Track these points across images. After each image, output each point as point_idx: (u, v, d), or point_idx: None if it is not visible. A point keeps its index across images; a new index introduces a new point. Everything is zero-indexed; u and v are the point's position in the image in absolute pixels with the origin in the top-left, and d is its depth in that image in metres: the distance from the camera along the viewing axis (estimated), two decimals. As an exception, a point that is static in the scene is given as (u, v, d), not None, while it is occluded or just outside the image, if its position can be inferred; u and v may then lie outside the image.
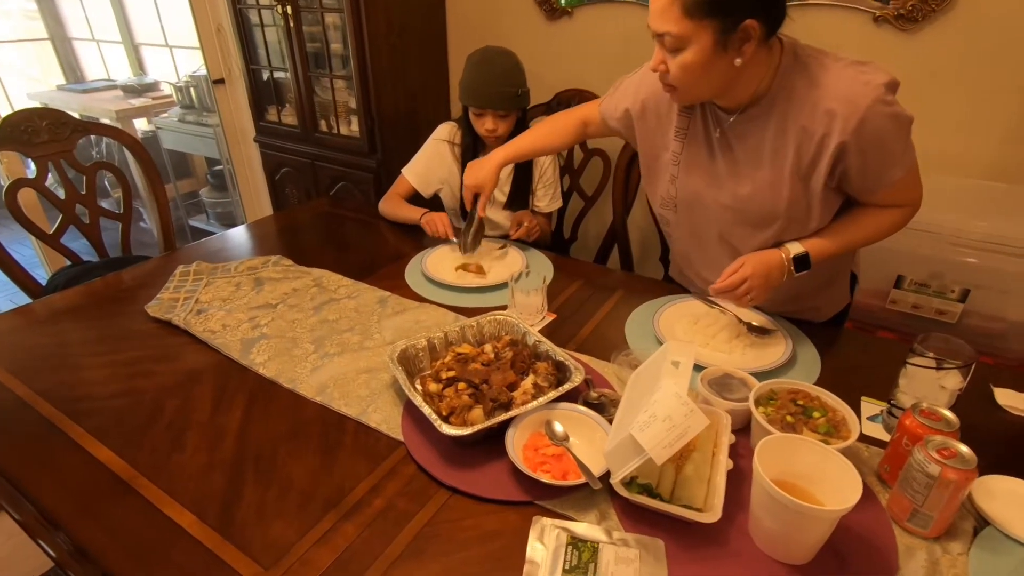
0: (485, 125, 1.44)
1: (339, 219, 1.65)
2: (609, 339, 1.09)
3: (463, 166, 1.53)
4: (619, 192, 1.66)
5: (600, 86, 1.71)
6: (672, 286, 1.28)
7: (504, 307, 1.16)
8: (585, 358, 1.00)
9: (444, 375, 0.89)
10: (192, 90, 3.07)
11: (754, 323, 1.06)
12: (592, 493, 0.74)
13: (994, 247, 1.31)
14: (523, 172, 1.55)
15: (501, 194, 1.56)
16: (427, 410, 0.79)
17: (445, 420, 0.80)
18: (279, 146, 2.44)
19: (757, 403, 0.78)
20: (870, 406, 0.90)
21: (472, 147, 1.52)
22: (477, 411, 0.82)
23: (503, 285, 1.26)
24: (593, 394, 0.87)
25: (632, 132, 1.13)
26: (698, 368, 0.90)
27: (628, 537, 0.68)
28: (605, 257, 1.78)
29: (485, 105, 1.42)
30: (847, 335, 1.11)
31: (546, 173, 1.57)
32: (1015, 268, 1.30)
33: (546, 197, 1.59)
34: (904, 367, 0.83)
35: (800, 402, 0.78)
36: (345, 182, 2.31)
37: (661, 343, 1.04)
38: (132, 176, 2.95)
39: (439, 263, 1.34)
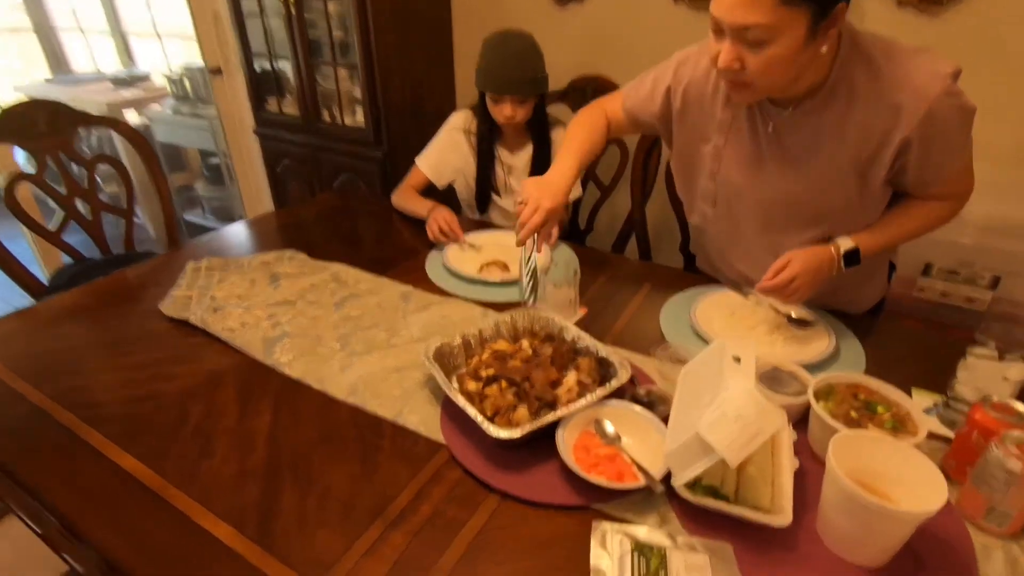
0: (503, 112, 1.38)
1: (350, 212, 1.60)
2: (644, 333, 1.05)
3: (479, 154, 1.48)
4: (637, 181, 1.62)
5: (615, 72, 1.67)
6: (699, 276, 1.25)
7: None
8: (624, 352, 0.97)
9: (484, 373, 0.85)
10: (187, 81, 2.99)
11: (793, 314, 1.02)
12: (649, 495, 0.70)
13: (1025, 233, 1.29)
14: (541, 158, 1.49)
15: (516, 182, 1.51)
16: (473, 412, 0.75)
17: (490, 421, 0.76)
18: (280, 137, 2.38)
19: (816, 398, 0.75)
20: (922, 398, 0.88)
21: (488, 135, 1.47)
22: (522, 411, 0.79)
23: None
24: (641, 391, 0.84)
25: (668, 125, 1.07)
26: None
27: (695, 542, 0.64)
28: (622, 247, 1.74)
29: (503, 90, 1.36)
30: (888, 325, 1.09)
31: None
32: (1047, 254, 1.28)
33: None
34: (964, 358, 0.80)
35: (861, 397, 0.76)
36: (349, 173, 2.26)
37: (700, 336, 1.01)
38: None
39: (461, 256, 1.30)
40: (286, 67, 2.28)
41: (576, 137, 1.11)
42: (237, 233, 1.46)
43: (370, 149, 2.14)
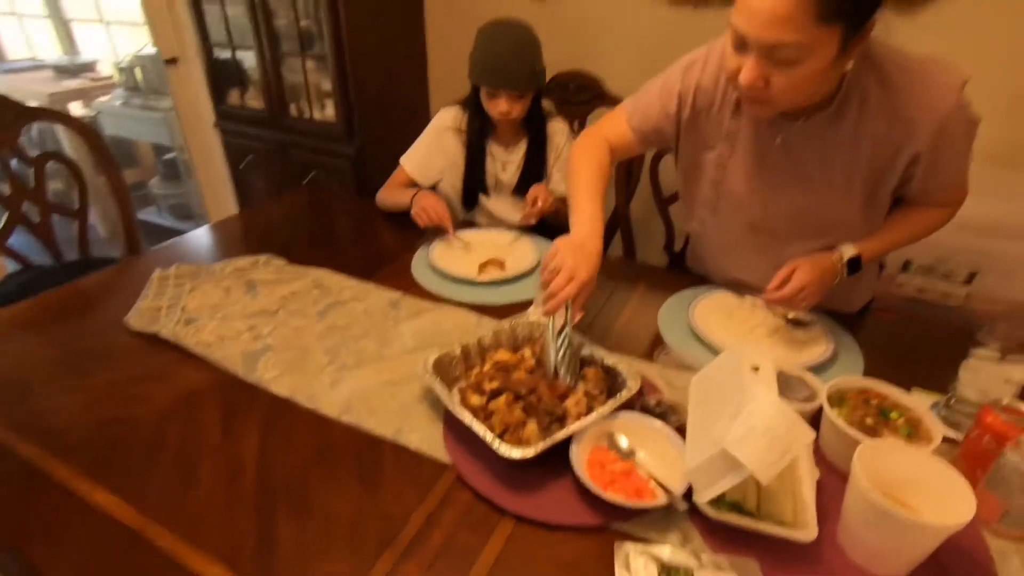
0: (498, 107, 1.31)
1: (325, 212, 1.52)
2: (643, 336, 1.03)
3: (470, 150, 1.42)
4: (622, 179, 1.61)
5: (597, 67, 1.64)
6: (691, 277, 1.24)
7: (531, 301, 1.09)
8: (626, 359, 0.94)
9: (487, 386, 0.81)
10: (138, 71, 2.81)
11: (790, 316, 1.02)
12: (669, 511, 0.68)
13: (999, 231, 1.33)
14: (536, 154, 1.43)
15: (508, 179, 1.45)
16: (482, 431, 0.71)
17: (499, 439, 0.73)
18: (243, 132, 2.26)
19: (828, 405, 0.75)
20: (921, 398, 0.88)
21: (480, 131, 1.40)
22: (532, 427, 0.75)
23: (520, 277, 1.19)
24: (651, 401, 0.81)
25: (673, 136, 1.02)
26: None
27: (720, 560, 0.62)
28: (606, 245, 1.72)
29: (500, 85, 1.29)
30: (879, 324, 1.10)
31: (563, 153, 1.44)
32: (1018, 251, 1.32)
33: (559, 175, 1.46)
34: (966, 359, 0.81)
35: (873, 402, 0.75)
36: (319, 170, 2.16)
37: (700, 339, 1.00)
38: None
39: (449, 255, 1.25)
40: (248, 58, 2.17)
41: (588, 183, 0.97)
42: (204, 236, 1.37)
43: (341, 145, 2.06)
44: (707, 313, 1.06)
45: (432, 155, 1.43)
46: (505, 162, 1.44)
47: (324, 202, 1.59)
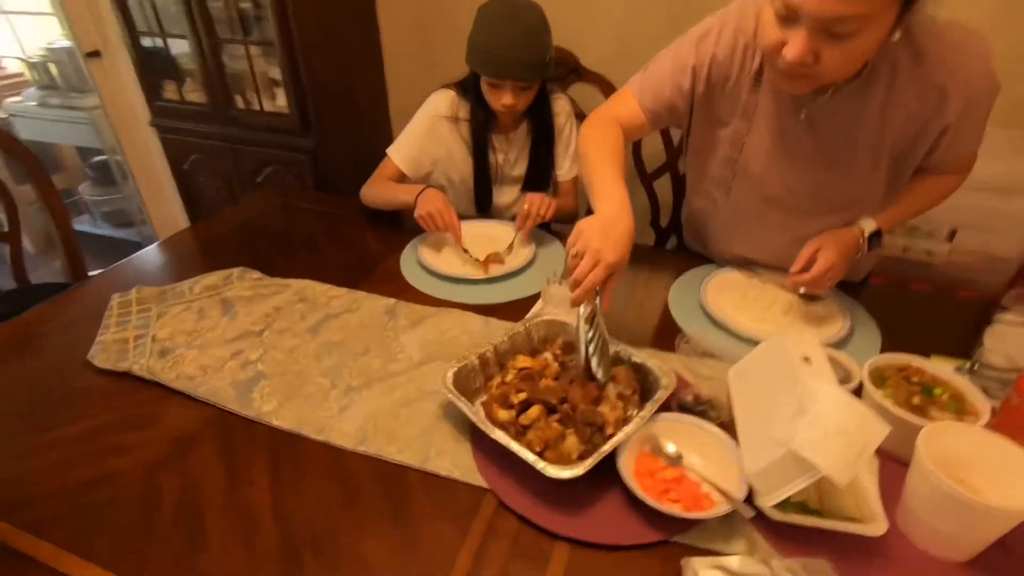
0: (502, 99, 1.17)
1: (293, 213, 1.41)
2: (655, 325, 0.99)
3: (476, 149, 1.28)
4: (603, 157, 1.55)
5: (574, 43, 1.56)
6: (690, 256, 1.20)
7: (536, 296, 1.04)
8: (652, 353, 0.90)
9: (515, 399, 0.75)
10: (52, 66, 2.53)
11: (802, 290, 1.00)
12: (728, 519, 0.65)
13: (979, 185, 1.35)
14: (543, 139, 1.30)
15: (515, 170, 1.34)
16: (523, 452, 0.66)
17: (539, 457, 0.67)
18: (184, 129, 2.08)
19: (873, 387, 0.72)
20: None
21: (485, 123, 1.26)
22: (572, 440, 0.70)
23: (521, 271, 1.12)
24: (688, 398, 0.77)
25: (686, 114, 0.96)
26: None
27: (792, 563, 0.59)
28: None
29: (506, 75, 1.14)
30: (881, 292, 1.10)
31: (564, 132, 1.33)
32: (996, 205, 1.35)
33: (567, 161, 1.36)
34: (990, 325, 0.81)
35: (915, 379, 0.74)
36: (274, 166, 2.01)
37: (716, 323, 0.97)
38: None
39: (439, 252, 1.17)
40: (181, 46, 1.97)
41: (606, 161, 0.87)
42: (160, 252, 1.24)
43: (297, 138, 1.91)
44: (718, 295, 1.03)
45: (424, 145, 1.30)
46: (506, 152, 1.33)
47: (289, 203, 1.47)
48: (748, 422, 0.67)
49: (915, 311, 1.05)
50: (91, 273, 1.27)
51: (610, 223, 0.77)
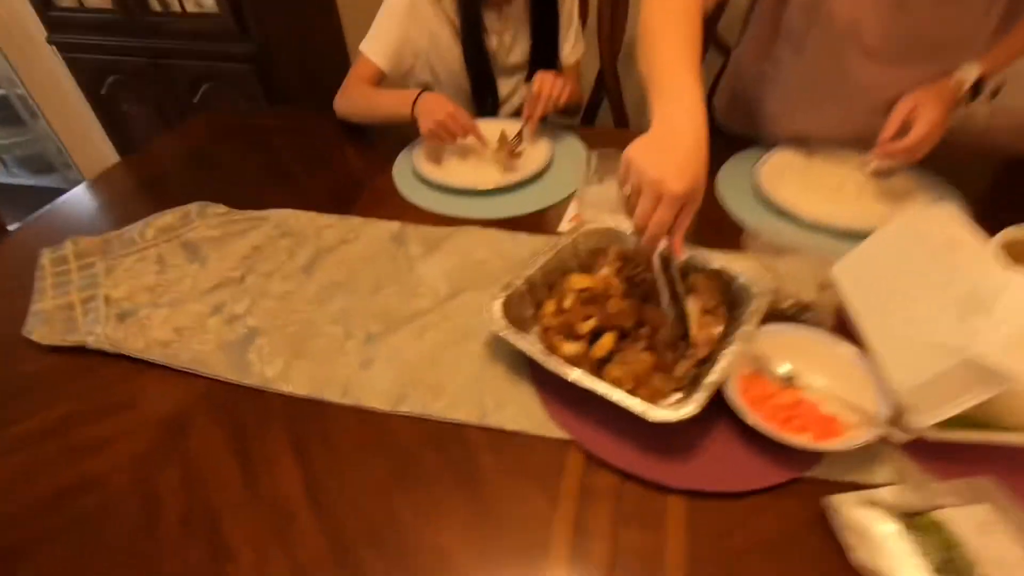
0: None
1: (251, 135, 1.17)
2: (712, 219, 0.85)
3: (463, 26, 1.06)
4: (605, 33, 1.33)
5: None
6: (729, 140, 1.04)
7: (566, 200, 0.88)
8: (729, 255, 0.76)
9: (582, 328, 0.61)
10: (-94, -21, 2.05)
11: (873, 164, 0.87)
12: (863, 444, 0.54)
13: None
14: (546, 13, 1.09)
15: (512, 55, 1.13)
16: (620, 397, 0.53)
17: (635, 396, 0.54)
18: (93, 44, 1.72)
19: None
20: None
21: (475, 1, 1.04)
22: (660, 372, 0.57)
23: (540, 175, 0.95)
24: (784, 303, 0.65)
25: None
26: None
27: (957, 486, 0.50)
28: (592, 116, 1.47)
29: None
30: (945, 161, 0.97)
31: (565, 4, 1.13)
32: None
33: (570, 38, 1.16)
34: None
35: (1054, 254, 0.62)
36: (212, 82, 1.71)
37: (782, 212, 0.83)
38: None
39: (437, 161, 0.98)
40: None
41: (680, 46, 0.62)
42: (91, 195, 1.01)
43: (233, 44, 1.61)
44: (775, 180, 0.89)
45: (405, 33, 1.06)
46: (500, 33, 1.11)
47: (245, 123, 1.22)
48: (882, 326, 0.55)
49: (981, 174, 0.93)
50: (10, 228, 1.04)
51: (669, 138, 0.56)
